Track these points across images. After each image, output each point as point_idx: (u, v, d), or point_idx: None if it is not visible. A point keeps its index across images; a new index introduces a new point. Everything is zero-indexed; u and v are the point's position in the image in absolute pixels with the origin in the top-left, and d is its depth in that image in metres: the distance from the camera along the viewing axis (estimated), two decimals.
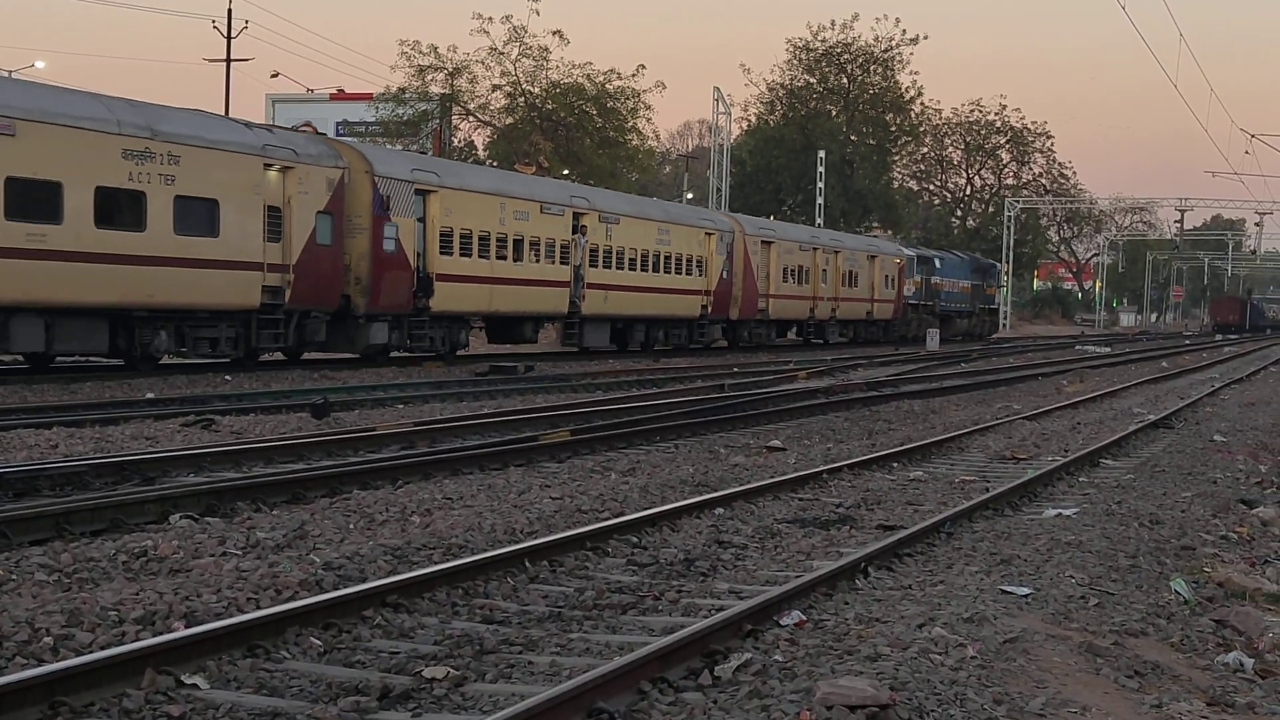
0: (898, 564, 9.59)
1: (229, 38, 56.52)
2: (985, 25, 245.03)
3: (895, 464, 15.25)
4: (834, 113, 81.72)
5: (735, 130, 76.41)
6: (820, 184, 69.14)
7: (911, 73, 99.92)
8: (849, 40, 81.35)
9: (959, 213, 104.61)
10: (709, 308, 42.80)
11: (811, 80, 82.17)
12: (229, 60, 56.51)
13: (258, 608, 7.50)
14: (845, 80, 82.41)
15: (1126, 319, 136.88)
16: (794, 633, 7.45)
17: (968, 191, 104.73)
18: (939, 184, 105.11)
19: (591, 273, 36.49)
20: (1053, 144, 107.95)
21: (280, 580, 8.13)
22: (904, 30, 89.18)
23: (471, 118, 60.03)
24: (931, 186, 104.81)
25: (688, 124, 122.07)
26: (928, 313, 61.39)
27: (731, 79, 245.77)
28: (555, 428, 17.13)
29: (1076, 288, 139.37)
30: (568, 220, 35.46)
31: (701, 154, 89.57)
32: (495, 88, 58.88)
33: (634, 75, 59.44)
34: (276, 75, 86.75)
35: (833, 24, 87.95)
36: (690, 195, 77.30)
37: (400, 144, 52.26)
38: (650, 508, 11.29)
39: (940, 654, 7.00)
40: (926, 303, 61.78)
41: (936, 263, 64.01)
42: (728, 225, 44.86)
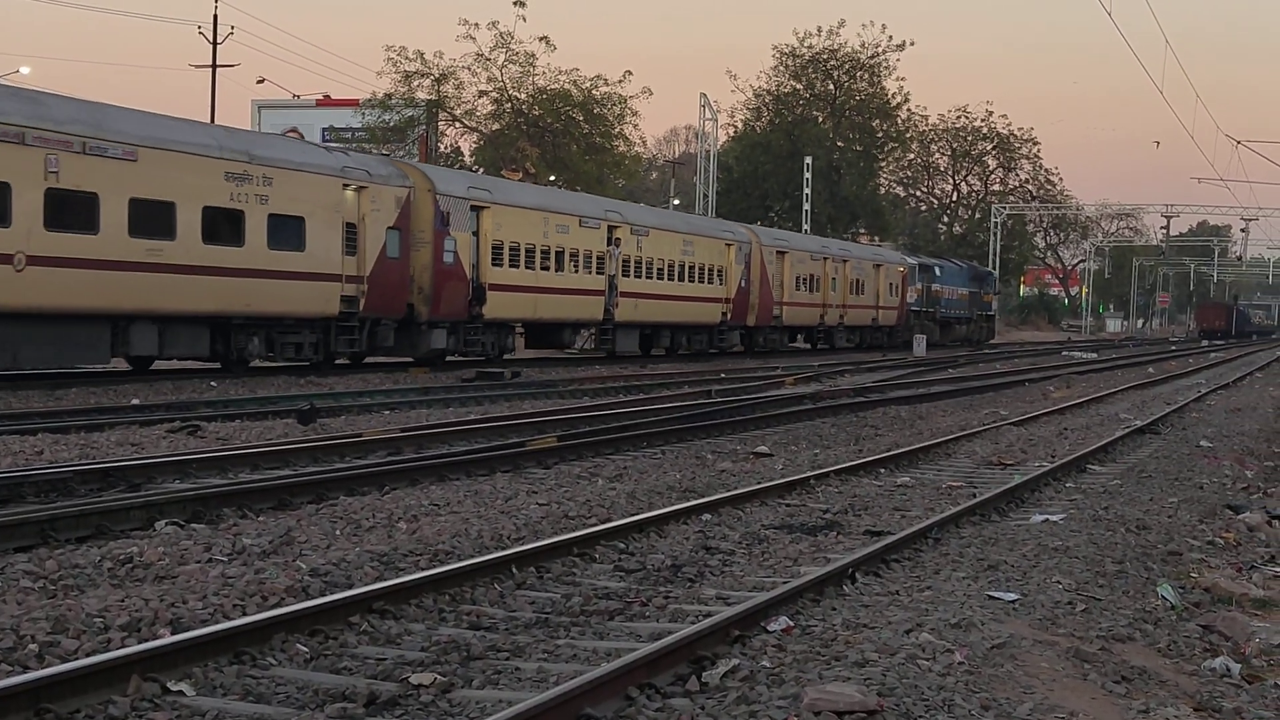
0: (885, 570, 9.58)
1: (215, 43, 56.55)
2: (971, 30, 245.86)
3: (882, 470, 15.25)
4: (820, 119, 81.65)
5: (722, 136, 76.51)
6: (807, 190, 69.27)
7: (898, 79, 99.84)
8: (835, 46, 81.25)
9: (946, 219, 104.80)
10: (728, 314, 44.78)
11: (798, 86, 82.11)
12: (215, 66, 56.54)
13: (244, 614, 7.48)
14: (832, 86, 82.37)
15: (1113, 325, 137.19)
16: (781, 639, 7.44)
17: (954, 198, 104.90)
18: (925, 190, 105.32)
19: (624, 282, 38.48)
20: (1039, 150, 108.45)
21: (267, 587, 8.11)
22: (890, 36, 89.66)
23: (458, 124, 59.95)
24: (918, 193, 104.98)
25: (674, 130, 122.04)
26: (929, 319, 62.55)
27: (718, 85, 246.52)
28: (542, 434, 17.10)
29: (1063, 294, 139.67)
30: (603, 233, 37.57)
31: (688, 160, 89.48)
32: (482, 94, 58.81)
33: (620, 81, 59.80)
34: (262, 81, 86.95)
35: (819, 30, 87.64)
36: (677, 201, 77.12)
37: (386, 150, 52.15)
38: (637, 514, 11.27)
39: (928, 660, 6.99)
40: (928, 309, 63.11)
41: (937, 270, 65.36)
42: (745, 236, 46.85)
